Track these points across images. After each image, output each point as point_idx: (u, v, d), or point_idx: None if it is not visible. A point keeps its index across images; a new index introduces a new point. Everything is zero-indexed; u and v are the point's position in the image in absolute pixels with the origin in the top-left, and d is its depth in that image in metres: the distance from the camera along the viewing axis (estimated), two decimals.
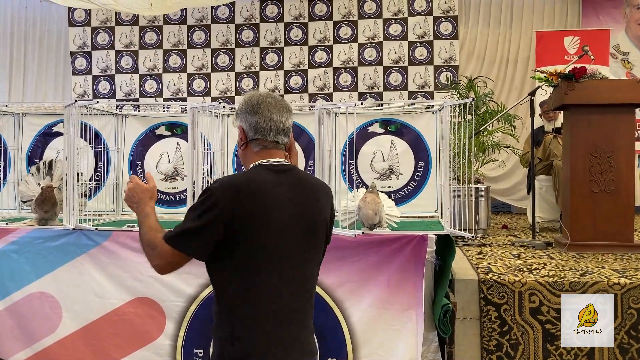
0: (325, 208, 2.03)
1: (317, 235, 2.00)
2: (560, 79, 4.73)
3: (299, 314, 1.97)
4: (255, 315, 1.91)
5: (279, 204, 1.92)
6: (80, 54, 8.85)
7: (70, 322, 3.57)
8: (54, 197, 3.71)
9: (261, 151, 2.01)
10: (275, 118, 2.00)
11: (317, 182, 2.10)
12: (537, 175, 5.88)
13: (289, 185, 1.96)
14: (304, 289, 1.99)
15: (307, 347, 1.99)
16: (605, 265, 4.00)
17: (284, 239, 1.92)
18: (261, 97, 2.03)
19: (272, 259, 1.92)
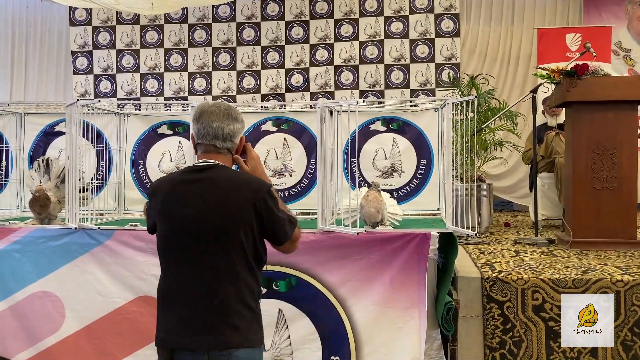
0: (237, 202, 2.17)
1: (222, 227, 2.15)
2: (562, 76, 4.72)
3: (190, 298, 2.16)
4: (160, 299, 2.26)
5: (185, 199, 2.19)
6: (81, 53, 8.85)
7: (73, 321, 3.57)
8: (42, 198, 3.71)
9: (202, 154, 2.30)
10: (214, 125, 2.27)
11: (234, 179, 2.23)
12: (540, 172, 5.87)
13: (201, 182, 2.20)
14: (218, 276, 2.15)
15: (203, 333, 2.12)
16: (608, 263, 3.99)
17: (184, 231, 2.18)
18: (205, 107, 2.31)
19: (172, 248, 2.21)
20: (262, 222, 2.20)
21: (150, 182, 4.44)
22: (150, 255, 3.50)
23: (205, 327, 2.13)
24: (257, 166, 2.39)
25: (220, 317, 2.13)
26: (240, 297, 2.16)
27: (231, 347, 2.11)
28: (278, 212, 2.23)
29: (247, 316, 2.17)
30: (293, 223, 2.31)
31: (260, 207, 2.18)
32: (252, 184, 2.23)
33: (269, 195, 2.21)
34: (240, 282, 2.17)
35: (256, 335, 2.20)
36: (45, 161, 3.85)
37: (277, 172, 4.40)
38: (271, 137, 4.41)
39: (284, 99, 8.41)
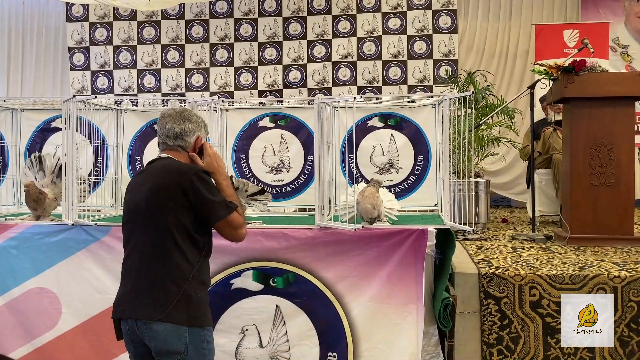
0: (167, 186, 2.42)
1: (154, 209, 2.41)
2: (559, 72, 4.71)
3: (129, 274, 2.45)
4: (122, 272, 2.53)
5: (135, 187, 2.54)
6: (78, 49, 8.83)
7: (70, 317, 3.57)
8: (33, 193, 3.70)
9: (160, 152, 2.61)
10: (167, 126, 2.56)
11: (169, 166, 2.48)
12: (537, 168, 5.88)
13: (146, 172, 2.55)
14: (150, 254, 2.41)
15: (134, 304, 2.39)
16: (606, 259, 3.99)
17: (133, 214, 2.48)
18: (164, 112, 2.62)
19: (127, 230, 2.52)
20: (191, 204, 2.41)
21: None
22: None
23: (136, 298, 2.39)
24: (212, 162, 2.60)
25: (148, 291, 2.38)
26: (168, 274, 2.38)
27: (150, 319, 2.34)
28: (207, 194, 2.43)
29: (173, 293, 2.36)
30: (230, 207, 2.49)
31: (187, 189, 2.40)
32: (182, 169, 2.47)
33: (197, 177, 2.43)
34: (170, 261, 2.38)
35: (182, 314, 2.37)
36: (38, 158, 3.83)
37: (274, 168, 4.39)
38: (268, 133, 4.41)
39: (281, 95, 8.41)
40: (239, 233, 2.55)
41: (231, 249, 3.41)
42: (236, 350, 3.45)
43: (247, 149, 4.41)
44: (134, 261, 2.45)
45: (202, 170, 2.49)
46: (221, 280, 3.44)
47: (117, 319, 2.47)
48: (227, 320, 3.45)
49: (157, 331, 2.34)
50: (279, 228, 3.45)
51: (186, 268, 2.40)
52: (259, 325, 3.45)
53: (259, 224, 3.63)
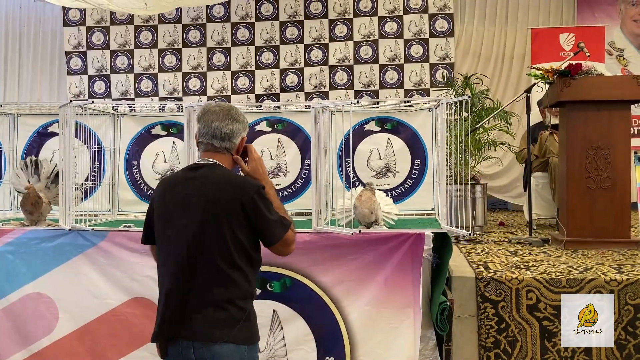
0: (224, 201, 2.21)
1: (207, 225, 2.20)
2: (556, 75, 4.73)
3: (179, 292, 2.22)
4: (159, 291, 2.31)
5: (177, 196, 2.28)
6: (75, 53, 8.83)
7: (67, 322, 3.56)
8: (32, 197, 3.69)
9: (201, 153, 2.38)
10: (213, 125, 2.33)
11: (225, 178, 2.27)
12: (534, 172, 5.89)
13: (193, 180, 2.28)
14: (208, 273, 2.21)
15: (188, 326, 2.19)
16: (602, 262, 4.00)
17: (181, 227, 2.23)
18: (207, 107, 2.38)
19: (164, 245, 2.30)
20: (250, 222, 2.23)
21: (144, 182, 4.43)
22: (144, 257, 3.48)
23: (193, 320, 2.19)
24: (258, 167, 2.42)
25: (209, 312, 2.19)
26: (229, 295, 2.20)
27: (211, 340, 2.16)
28: (267, 213, 2.25)
29: (236, 314, 2.20)
30: (285, 225, 2.32)
31: (247, 207, 2.21)
32: (241, 183, 2.26)
33: (257, 195, 2.23)
34: (225, 280, 2.21)
35: (244, 333, 2.22)
36: (33, 162, 3.82)
37: (271, 172, 4.39)
38: (265, 137, 4.41)
39: (278, 99, 8.41)
40: (290, 250, 2.39)
41: None
42: None
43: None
44: (184, 280, 2.22)
45: (262, 186, 2.30)
46: None
47: (165, 340, 2.25)
48: None
49: (219, 353, 2.17)
50: None
51: (246, 287, 2.25)
52: None
53: None
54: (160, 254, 2.33)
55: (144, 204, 4.43)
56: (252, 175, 2.39)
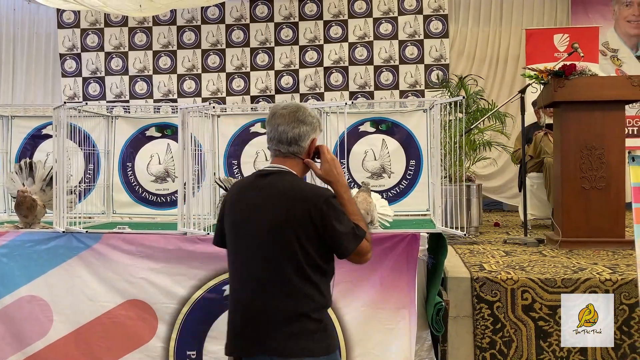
0: (292, 211, 2.12)
1: (276, 236, 2.13)
2: (550, 76, 4.74)
3: (251, 306, 2.17)
4: (230, 302, 2.28)
5: (246, 205, 2.21)
6: (69, 55, 8.81)
7: (62, 325, 3.54)
8: (28, 201, 3.68)
9: (271, 158, 2.29)
10: (279, 129, 2.21)
11: (292, 188, 2.17)
12: (528, 172, 5.90)
13: (260, 190, 2.20)
14: (279, 288, 2.14)
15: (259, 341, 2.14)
16: (597, 262, 4.01)
17: (242, 238, 2.20)
18: (275, 109, 2.26)
19: (233, 256, 2.26)
20: (319, 233, 2.13)
21: (138, 184, 4.42)
22: (139, 259, 3.48)
23: (267, 334, 2.13)
24: (332, 169, 2.28)
25: (283, 326, 2.13)
26: (303, 309, 2.13)
27: (289, 356, 2.11)
28: (337, 225, 2.14)
29: (311, 328, 2.14)
30: (359, 236, 2.20)
31: (315, 219, 2.12)
32: (309, 194, 2.15)
33: (326, 205, 2.13)
34: (303, 296, 2.14)
35: (321, 344, 2.16)
36: (28, 164, 3.81)
37: None
38: (260, 138, 4.40)
39: (274, 100, 8.41)
40: (365, 259, 2.27)
41: (223, 255, 3.40)
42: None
43: (239, 154, 4.40)
44: (256, 294, 2.16)
45: (331, 195, 2.18)
46: (213, 287, 3.43)
47: (239, 356, 2.21)
48: (220, 327, 3.43)
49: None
50: None
51: (319, 299, 2.16)
52: None
53: None
54: (229, 262, 2.28)
55: (139, 205, 4.43)
56: (326, 178, 2.28)
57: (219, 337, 3.43)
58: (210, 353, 3.44)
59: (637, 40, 8.11)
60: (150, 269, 3.48)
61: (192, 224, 3.47)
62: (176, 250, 3.45)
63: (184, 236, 3.47)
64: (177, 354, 3.47)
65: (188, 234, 3.46)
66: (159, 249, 3.47)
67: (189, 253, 3.44)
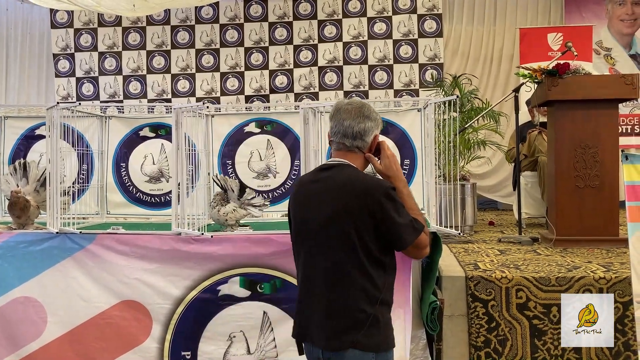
0: (350, 203, 2.17)
1: (334, 228, 2.19)
2: (544, 75, 4.75)
3: (310, 297, 2.26)
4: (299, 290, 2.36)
5: (311, 199, 2.27)
6: (63, 55, 8.78)
7: (56, 326, 3.53)
8: (21, 201, 3.66)
9: (333, 152, 2.36)
10: (345, 123, 2.29)
11: (352, 180, 2.22)
12: (523, 171, 5.91)
13: (322, 182, 2.27)
14: (335, 279, 2.20)
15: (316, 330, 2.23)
16: (591, 260, 4.02)
17: (312, 231, 2.24)
18: (340, 105, 2.34)
19: (296, 247, 2.34)
20: (378, 226, 2.17)
21: (132, 185, 4.41)
22: (134, 259, 3.47)
23: (320, 325, 2.21)
24: (391, 165, 2.36)
25: (335, 318, 2.19)
26: (355, 301, 2.17)
27: (338, 348, 2.17)
28: (396, 217, 2.17)
29: (362, 320, 2.17)
30: (417, 229, 2.24)
31: (375, 211, 2.15)
32: (369, 186, 2.19)
33: (385, 197, 2.17)
34: (358, 287, 2.17)
35: (370, 339, 2.18)
36: (22, 164, 3.79)
37: (260, 173, 4.38)
38: (255, 138, 4.40)
39: (268, 100, 8.40)
40: (423, 253, 2.34)
41: (218, 255, 3.41)
42: (224, 358, 3.44)
43: (233, 154, 4.39)
44: (315, 284, 2.24)
45: (391, 187, 2.23)
46: (208, 287, 3.42)
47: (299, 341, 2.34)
48: (215, 327, 3.43)
49: (345, 358, 2.17)
50: (266, 234, 3.44)
51: (373, 293, 2.19)
52: (246, 332, 3.43)
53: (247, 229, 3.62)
54: (295, 255, 2.37)
55: (133, 206, 4.42)
56: (386, 173, 2.35)
57: (213, 338, 3.43)
58: (205, 353, 3.44)
59: (630, 39, 8.14)
60: (144, 269, 3.47)
61: (186, 224, 3.46)
62: (170, 250, 3.45)
63: (178, 236, 3.46)
64: (172, 355, 3.46)
65: (182, 234, 3.45)
66: (153, 250, 3.46)
67: (183, 253, 3.44)
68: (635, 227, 3.10)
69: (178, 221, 3.47)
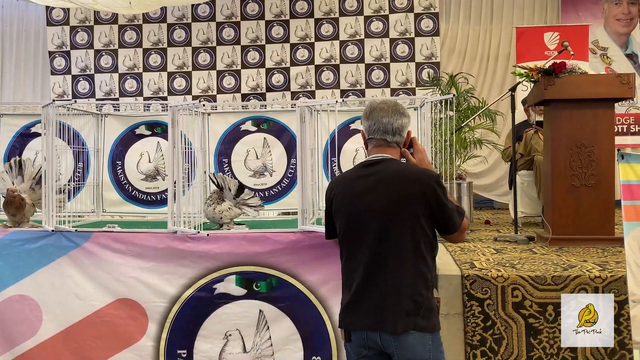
0: (407, 193, 2.34)
1: (393, 218, 2.33)
2: (540, 74, 4.75)
3: (369, 284, 2.36)
4: (344, 281, 2.48)
5: (358, 193, 2.40)
6: (58, 53, 8.75)
7: (51, 325, 3.52)
8: (17, 199, 3.65)
9: (373, 149, 2.50)
10: (384, 120, 2.45)
11: (404, 171, 2.41)
12: (519, 170, 5.91)
13: (373, 176, 2.39)
14: (395, 265, 2.33)
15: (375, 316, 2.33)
16: (587, 259, 4.02)
17: (365, 222, 2.36)
18: (374, 104, 2.50)
19: (350, 240, 2.43)
20: (432, 212, 2.35)
21: (128, 183, 4.40)
22: (129, 257, 3.46)
23: (381, 310, 2.32)
24: (424, 158, 2.56)
25: (397, 303, 2.31)
26: (415, 285, 2.33)
27: (399, 331, 2.29)
28: (447, 202, 2.36)
29: (421, 303, 2.32)
30: (461, 213, 2.43)
31: (430, 197, 2.33)
32: (421, 175, 2.38)
33: (437, 185, 2.35)
34: (412, 270, 2.33)
35: (428, 321, 2.34)
36: (17, 162, 3.78)
37: (257, 172, 4.38)
38: (251, 136, 4.40)
39: (264, 98, 8.40)
40: (463, 237, 2.53)
41: (214, 253, 3.40)
42: (220, 356, 3.43)
43: (229, 152, 4.39)
44: (378, 271, 2.36)
45: (438, 176, 2.42)
46: (204, 285, 3.42)
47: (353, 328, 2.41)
48: (211, 325, 3.43)
49: (406, 342, 2.30)
50: (262, 232, 3.44)
51: (428, 276, 2.38)
52: (242, 330, 3.43)
53: (243, 227, 3.61)
54: (346, 248, 2.46)
55: (129, 204, 4.41)
56: (420, 165, 2.51)
57: (209, 336, 3.42)
58: (201, 352, 3.43)
59: (626, 38, 8.15)
60: (140, 267, 3.46)
61: (182, 222, 3.45)
62: (166, 248, 3.44)
63: (174, 235, 3.45)
64: (168, 353, 3.45)
65: (178, 233, 3.44)
66: (149, 248, 3.46)
67: (179, 252, 3.43)
68: (631, 226, 3.10)
69: (174, 219, 3.46)
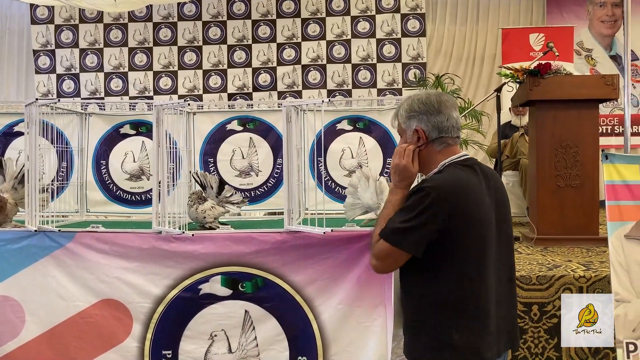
0: (505, 198, 2.21)
1: (509, 225, 2.20)
2: (525, 75, 4.78)
3: (505, 304, 2.19)
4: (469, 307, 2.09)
5: (481, 201, 2.07)
6: (43, 52, 8.68)
7: (34, 326, 3.47)
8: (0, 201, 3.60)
9: (445, 149, 2.14)
10: (454, 115, 2.14)
11: (497, 176, 2.25)
12: (504, 170, 5.94)
13: (483, 180, 2.10)
14: (509, 278, 2.21)
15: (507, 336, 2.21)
16: (572, 259, 4.05)
17: (486, 230, 2.07)
18: (439, 97, 2.16)
19: (481, 255, 2.07)
20: None
21: (112, 182, 4.36)
22: (113, 258, 3.42)
23: (515, 329, 2.27)
24: None
25: (515, 317, 2.29)
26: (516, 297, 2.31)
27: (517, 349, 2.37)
28: None
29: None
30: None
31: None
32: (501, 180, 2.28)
33: None
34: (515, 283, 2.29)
35: None
36: None
37: (243, 172, 4.36)
38: (237, 136, 4.37)
39: (251, 98, 8.38)
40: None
41: (199, 254, 3.37)
42: (205, 357, 3.41)
43: (215, 152, 4.36)
44: (506, 290, 2.18)
45: None
46: (189, 285, 3.39)
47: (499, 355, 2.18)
48: (196, 326, 3.40)
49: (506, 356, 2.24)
50: (248, 232, 3.42)
51: None
52: (227, 330, 3.40)
53: (228, 228, 3.59)
54: (471, 266, 2.08)
55: (113, 204, 4.36)
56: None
57: (194, 337, 3.39)
58: (186, 352, 3.40)
59: (610, 40, 8.23)
60: (124, 268, 3.42)
61: (167, 222, 3.43)
62: (151, 249, 3.41)
63: (158, 235, 3.42)
64: (153, 354, 3.42)
65: (163, 233, 3.42)
66: (133, 248, 3.42)
67: (163, 252, 3.40)
68: (615, 226, 3.13)
69: (159, 219, 3.43)
